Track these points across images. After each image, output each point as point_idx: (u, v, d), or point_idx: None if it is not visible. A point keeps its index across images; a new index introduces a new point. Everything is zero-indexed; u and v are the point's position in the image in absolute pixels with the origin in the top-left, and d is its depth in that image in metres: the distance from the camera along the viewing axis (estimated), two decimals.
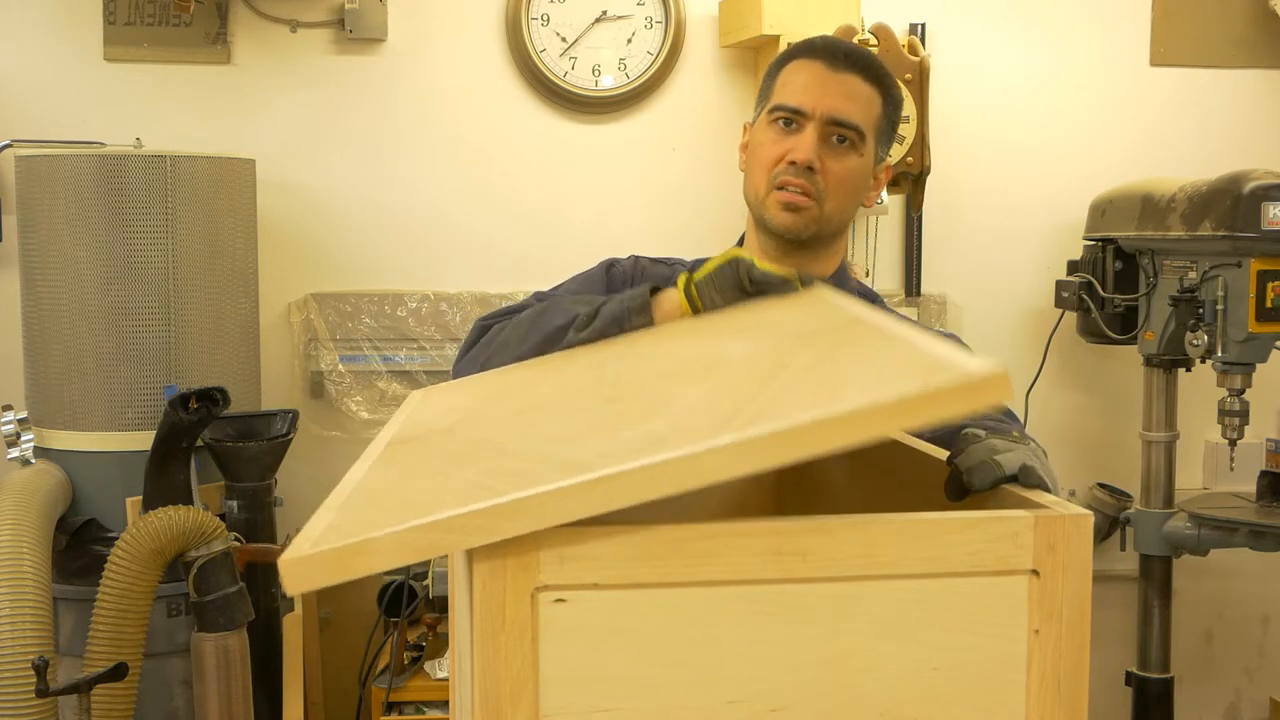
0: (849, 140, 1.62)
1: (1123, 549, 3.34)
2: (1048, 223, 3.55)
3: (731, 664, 0.89)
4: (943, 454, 1.19)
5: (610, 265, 1.76)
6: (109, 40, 3.25)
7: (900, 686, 0.90)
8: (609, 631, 0.88)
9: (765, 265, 1.44)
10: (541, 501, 0.85)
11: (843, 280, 1.73)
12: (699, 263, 1.77)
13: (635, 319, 1.48)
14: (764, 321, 1.33)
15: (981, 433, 1.24)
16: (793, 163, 1.60)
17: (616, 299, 1.51)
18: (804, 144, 1.60)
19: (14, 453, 2.83)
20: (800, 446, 0.85)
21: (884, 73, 1.66)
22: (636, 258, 1.78)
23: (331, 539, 0.86)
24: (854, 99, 1.62)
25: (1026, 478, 1.11)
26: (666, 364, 1.25)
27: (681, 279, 1.50)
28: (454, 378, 1.63)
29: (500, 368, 1.54)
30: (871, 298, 1.74)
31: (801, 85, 1.63)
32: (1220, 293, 2.95)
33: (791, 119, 1.62)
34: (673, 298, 1.50)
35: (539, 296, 1.73)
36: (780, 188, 1.62)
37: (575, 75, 3.37)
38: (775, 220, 1.64)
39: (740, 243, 1.76)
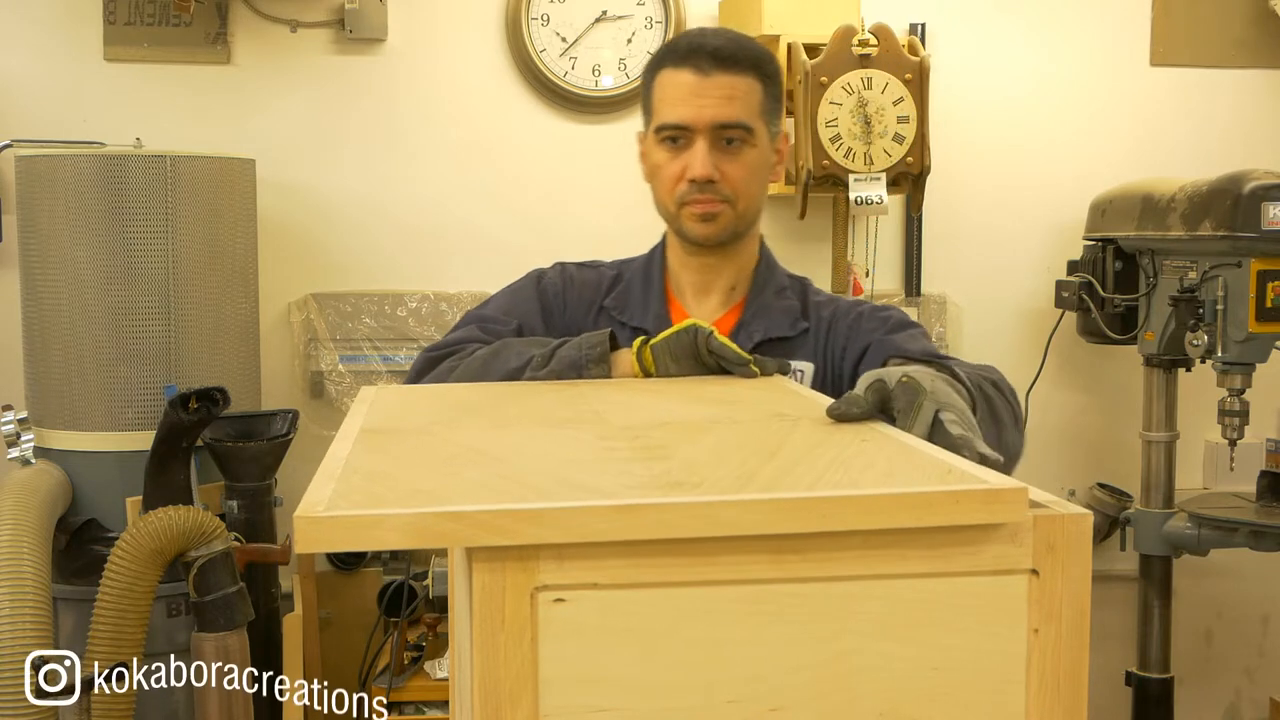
0: (739, 138, 1.61)
1: (1123, 549, 3.34)
2: (1048, 223, 3.55)
3: (731, 664, 0.89)
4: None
5: (539, 277, 1.77)
6: (109, 40, 3.25)
7: (900, 686, 0.90)
8: (609, 631, 0.88)
9: (723, 339, 1.47)
10: (571, 515, 0.85)
11: (770, 267, 1.75)
12: (621, 263, 1.78)
13: (593, 369, 1.50)
14: (731, 396, 1.35)
15: (901, 361, 1.26)
16: (692, 180, 1.61)
17: (573, 344, 1.53)
18: (697, 160, 1.60)
19: (14, 453, 2.83)
20: (831, 518, 0.87)
21: (753, 55, 1.62)
22: (563, 265, 1.79)
23: (344, 507, 0.87)
24: (732, 99, 1.60)
25: (904, 391, 1.12)
26: (649, 415, 1.27)
27: (636, 342, 1.52)
28: None
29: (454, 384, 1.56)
30: (802, 284, 1.75)
31: (678, 99, 1.61)
32: (1220, 293, 2.95)
33: (678, 135, 1.62)
34: (627, 357, 1.52)
35: (476, 319, 1.72)
36: (688, 204, 1.63)
37: (575, 75, 3.37)
38: (693, 232, 1.66)
39: (662, 244, 1.76)
